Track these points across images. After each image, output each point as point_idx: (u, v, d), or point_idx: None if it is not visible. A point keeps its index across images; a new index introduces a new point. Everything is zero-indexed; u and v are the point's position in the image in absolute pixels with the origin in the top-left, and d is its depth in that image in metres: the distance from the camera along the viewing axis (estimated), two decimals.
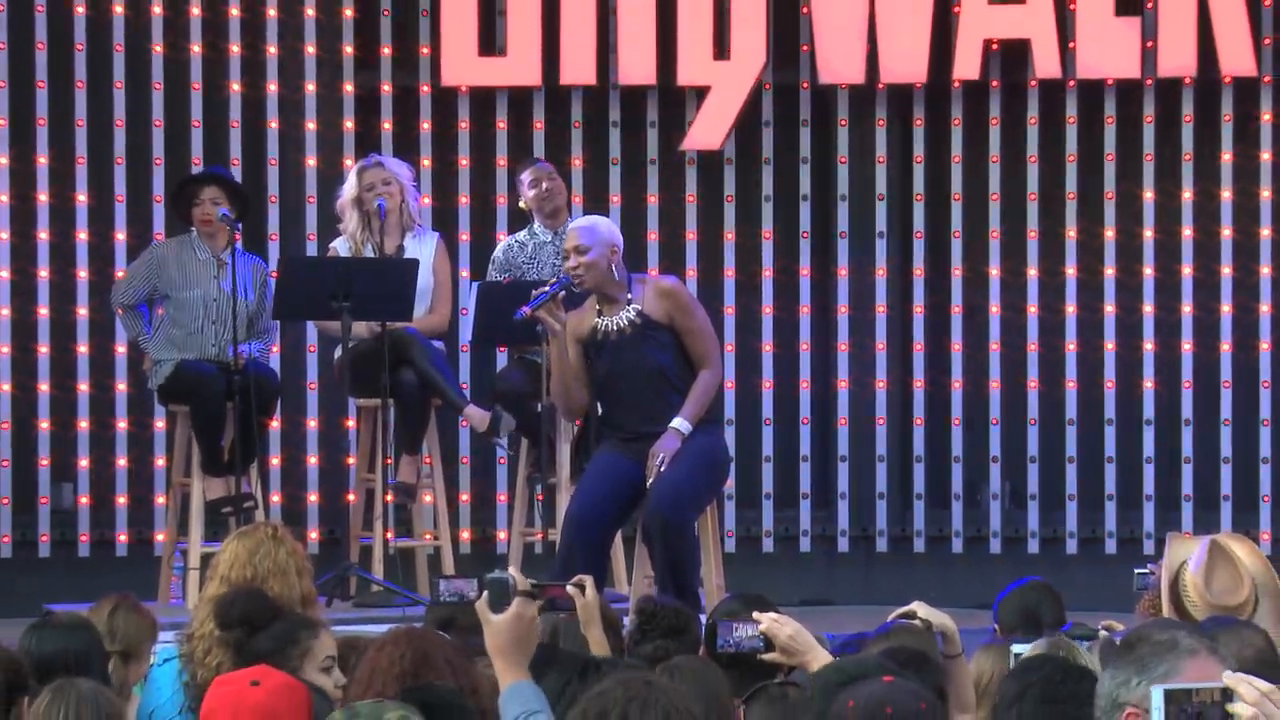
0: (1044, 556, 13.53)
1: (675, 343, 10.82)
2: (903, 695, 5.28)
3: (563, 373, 10.81)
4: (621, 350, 10.77)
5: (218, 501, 12.10)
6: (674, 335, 10.81)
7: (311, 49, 13.93)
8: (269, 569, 7.76)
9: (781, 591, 9.13)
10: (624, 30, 13.90)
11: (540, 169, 12.61)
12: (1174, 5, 13.68)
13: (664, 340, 10.80)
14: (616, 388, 10.84)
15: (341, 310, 11.86)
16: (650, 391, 10.81)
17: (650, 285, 10.96)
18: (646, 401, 10.82)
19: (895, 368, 14.11)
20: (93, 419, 13.74)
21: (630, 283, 10.89)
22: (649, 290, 10.88)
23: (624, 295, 10.81)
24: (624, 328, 10.75)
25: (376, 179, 12.31)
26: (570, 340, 10.79)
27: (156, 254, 12.61)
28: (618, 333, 10.77)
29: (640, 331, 10.76)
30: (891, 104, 14.05)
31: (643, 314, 10.76)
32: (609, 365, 10.79)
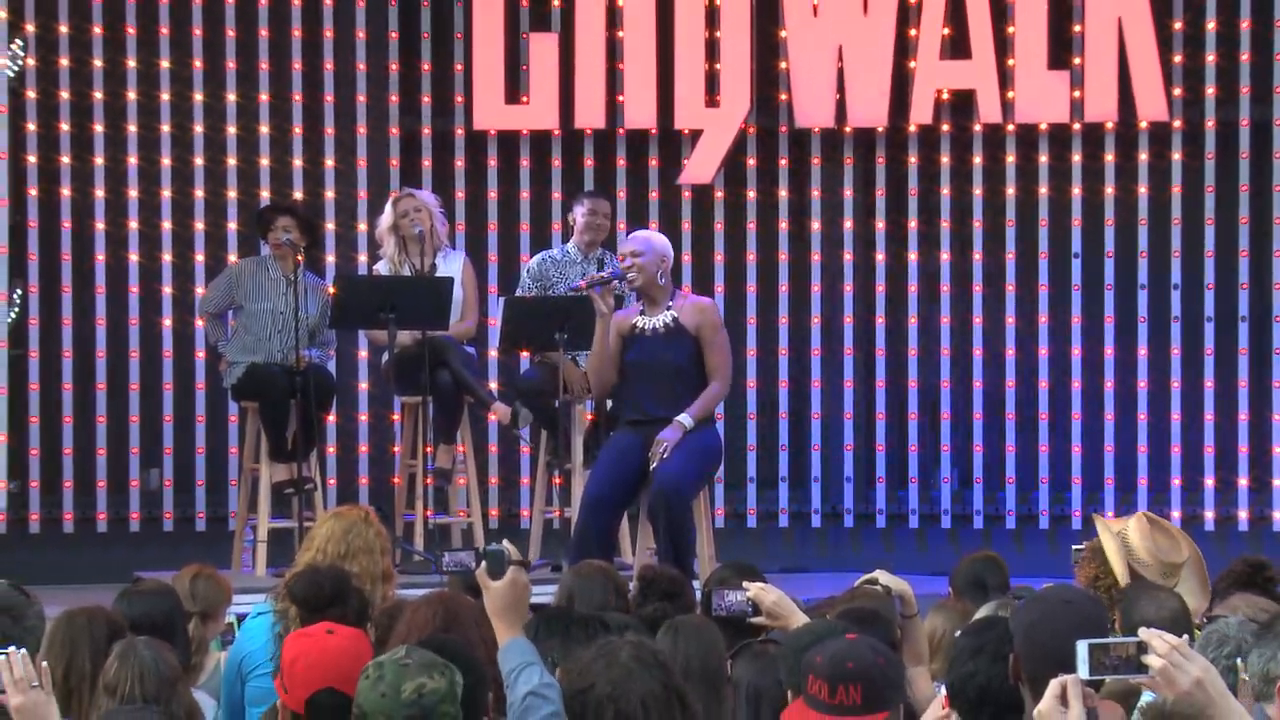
0: (987, 531, 13.53)
1: (696, 351, 10.91)
2: (863, 650, 5.27)
3: (602, 352, 10.92)
4: (652, 345, 10.88)
5: (282, 484, 12.08)
6: (697, 345, 10.90)
7: (362, 98, 13.93)
8: (359, 546, 7.79)
9: (763, 561, 9.12)
10: (629, 82, 13.90)
11: (601, 203, 12.44)
12: (1098, 61, 13.67)
13: (688, 346, 10.89)
14: (640, 374, 10.92)
15: (388, 321, 11.84)
16: (666, 383, 10.88)
17: (690, 300, 11.11)
18: (661, 390, 10.88)
19: (860, 370, 14.12)
20: (176, 413, 13.74)
21: (674, 294, 11.03)
22: (689, 304, 11.01)
23: (665, 301, 10.92)
24: (659, 328, 10.87)
25: (409, 207, 12.28)
26: (614, 331, 10.91)
27: (234, 271, 12.61)
28: (653, 331, 10.88)
29: (672, 333, 10.87)
30: (856, 145, 14.03)
31: (677, 320, 10.87)
32: (638, 355, 10.88)
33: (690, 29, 13.87)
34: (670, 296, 10.99)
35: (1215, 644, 5.95)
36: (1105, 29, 13.67)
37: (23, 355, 13.40)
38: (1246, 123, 13.78)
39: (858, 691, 5.17)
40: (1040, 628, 5.52)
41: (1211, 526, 13.45)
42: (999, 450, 13.96)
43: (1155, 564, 7.35)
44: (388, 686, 4.84)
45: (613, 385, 11.08)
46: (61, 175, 13.62)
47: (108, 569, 11.85)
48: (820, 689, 5.15)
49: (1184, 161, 13.82)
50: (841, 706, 5.15)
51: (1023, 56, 13.73)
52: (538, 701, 5.14)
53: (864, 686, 5.18)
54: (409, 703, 4.81)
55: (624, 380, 11.02)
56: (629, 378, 10.96)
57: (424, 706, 4.82)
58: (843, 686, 5.15)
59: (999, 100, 13.74)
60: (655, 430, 10.80)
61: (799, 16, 13.81)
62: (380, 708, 4.81)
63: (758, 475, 14.08)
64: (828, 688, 5.15)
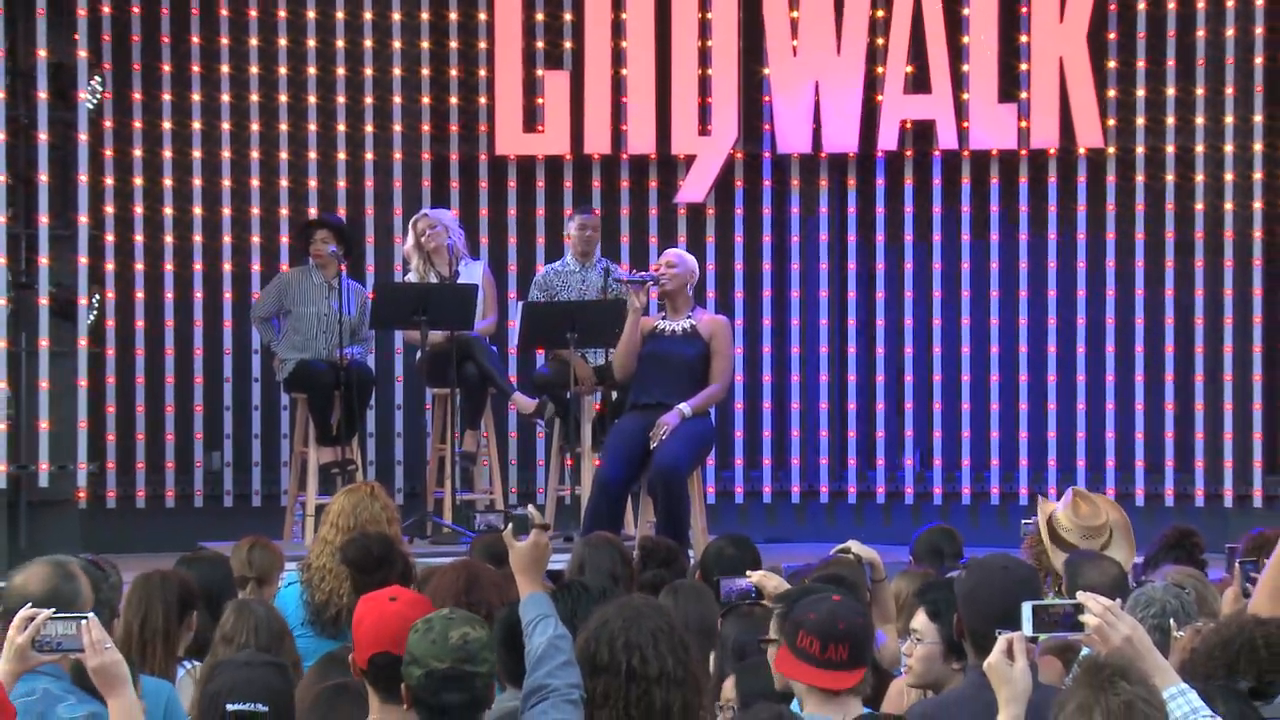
0: (945, 507, 13.53)
1: (705, 355, 11.11)
2: (851, 613, 5.31)
3: (628, 340, 11.05)
4: (670, 342, 11.09)
5: (327, 465, 12.11)
6: (708, 349, 11.09)
7: (398, 127, 13.92)
8: (366, 518, 7.76)
9: (748, 533, 9.11)
10: (631, 113, 13.90)
11: (589, 219, 12.48)
12: (1042, 95, 13.68)
13: (700, 348, 11.11)
14: (654, 364, 11.07)
15: (420, 322, 11.86)
16: (674, 374, 11.05)
17: (710, 315, 11.50)
18: (670, 379, 11.04)
19: (834, 365, 14.11)
20: (234, 403, 13.75)
21: (695, 308, 11.35)
22: (708, 317, 11.39)
23: (687, 312, 11.21)
24: (677, 331, 11.10)
25: (425, 226, 12.29)
26: (641, 328, 11.08)
27: (283, 280, 12.63)
28: (671, 333, 11.09)
29: (689, 336, 11.11)
30: (831, 169, 14.03)
31: (695, 328, 11.12)
32: (655, 348, 11.07)
33: (685, 67, 13.88)
34: (691, 309, 11.30)
35: (1144, 605, 5.97)
36: (1048, 67, 13.67)
37: (100, 352, 13.40)
38: (1171, 149, 13.76)
39: (845, 650, 5.20)
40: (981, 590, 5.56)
41: (1141, 502, 13.46)
42: (955, 436, 13.95)
43: (1075, 529, 7.38)
44: (437, 635, 4.88)
45: (631, 372, 11.20)
46: (134, 195, 13.62)
47: (175, 540, 11.87)
48: (811, 644, 5.18)
49: (1116, 183, 13.81)
50: (830, 661, 5.19)
51: (976, 91, 13.72)
52: (553, 650, 5.17)
53: (850, 646, 5.22)
54: (456, 648, 4.85)
55: (639, 368, 11.16)
56: (644, 366, 11.14)
57: (468, 651, 4.86)
58: (833, 645, 5.19)
59: (955, 129, 13.73)
60: (658, 415, 10.89)
61: (780, 56, 13.81)
62: (431, 653, 4.85)
63: (745, 457, 14.07)
64: (819, 644, 5.18)
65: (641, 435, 10.92)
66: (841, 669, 5.19)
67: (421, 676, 4.86)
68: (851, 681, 5.22)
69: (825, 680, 5.17)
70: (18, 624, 5.02)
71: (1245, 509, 13.19)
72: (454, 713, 4.85)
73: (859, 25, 13.71)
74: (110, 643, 5.01)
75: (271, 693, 4.66)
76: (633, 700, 4.85)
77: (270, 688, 4.66)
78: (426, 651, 4.87)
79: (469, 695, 4.86)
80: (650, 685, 4.86)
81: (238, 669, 4.79)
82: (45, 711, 5.26)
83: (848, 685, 5.20)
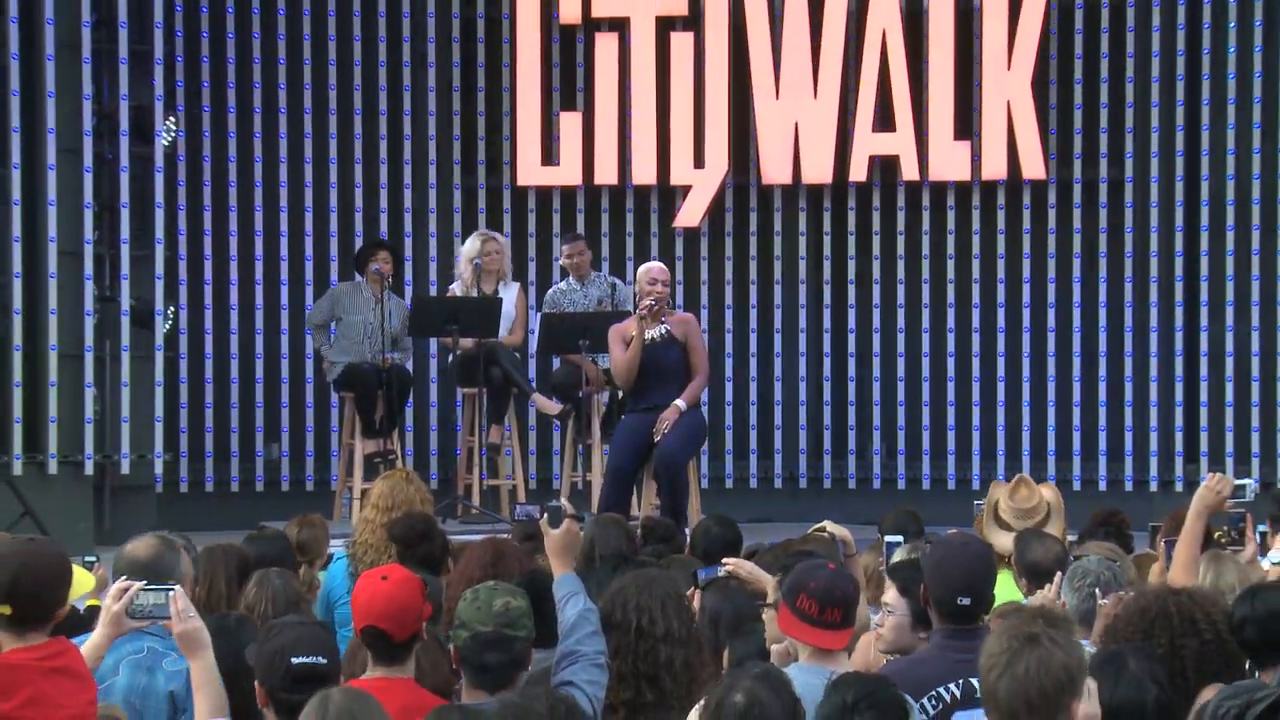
0: (908, 492, 13.53)
1: (684, 353, 10.98)
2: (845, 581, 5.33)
3: (632, 359, 10.91)
4: (655, 351, 10.92)
5: (371, 455, 12.10)
6: (684, 349, 10.97)
7: (432, 156, 13.97)
8: (401, 500, 7.76)
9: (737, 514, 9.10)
10: (635, 150, 13.92)
11: (575, 245, 12.53)
12: (992, 133, 13.69)
13: (679, 350, 10.97)
14: (648, 372, 10.94)
15: (453, 331, 11.87)
16: (665, 378, 10.94)
17: (678, 315, 11.28)
18: (661, 383, 10.93)
19: (811, 369, 14.13)
20: (291, 401, 13.78)
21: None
22: (677, 318, 11.18)
23: (663, 317, 10.99)
24: (658, 338, 10.93)
25: (492, 249, 12.26)
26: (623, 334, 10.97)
27: (335, 291, 12.65)
28: (653, 340, 10.92)
29: (668, 342, 10.95)
30: (808, 197, 14.03)
31: (670, 332, 10.96)
32: (648, 357, 10.91)
33: (682, 109, 13.89)
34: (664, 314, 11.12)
35: (1079, 576, 5.98)
36: (997, 109, 13.67)
37: (174, 357, 13.43)
38: (1105, 179, 13.78)
39: (839, 613, 5.23)
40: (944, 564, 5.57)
41: (1078, 486, 13.45)
42: (917, 429, 13.97)
43: (1011, 510, 7.39)
44: (482, 603, 4.91)
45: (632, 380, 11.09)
46: (203, 220, 13.66)
47: (239, 520, 11.88)
48: (810, 606, 5.19)
49: (1056, 208, 13.82)
50: (826, 622, 5.20)
51: (935, 129, 13.73)
52: (582, 621, 5.19)
53: (843, 609, 5.24)
54: (499, 614, 4.88)
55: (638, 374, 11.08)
56: (639, 377, 11.03)
57: (510, 617, 4.88)
58: (829, 608, 5.21)
59: (917, 163, 13.74)
60: (657, 414, 10.85)
61: (765, 99, 13.82)
62: (477, 618, 4.88)
63: (733, 449, 14.08)
64: (818, 607, 5.20)
65: (644, 431, 10.90)
66: (835, 629, 5.21)
67: (468, 639, 4.88)
68: (843, 641, 5.25)
69: (822, 639, 5.18)
70: (114, 594, 5.05)
71: (1168, 493, 13.19)
72: (495, 671, 4.86)
73: (833, 73, 13.72)
74: (194, 612, 5.03)
75: (327, 650, 4.67)
76: (640, 654, 4.87)
77: (325, 645, 4.68)
78: (473, 617, 4.89)
79: (509, 656, 4.88)
80: (656, 642, 4.88)
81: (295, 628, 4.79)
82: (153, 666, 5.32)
83: (840, 644, 5.22)
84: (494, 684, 4.84)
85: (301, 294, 13.72)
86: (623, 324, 11.15)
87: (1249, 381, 13.48)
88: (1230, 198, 13.55)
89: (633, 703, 4.75)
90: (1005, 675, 4.03)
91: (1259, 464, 13.28)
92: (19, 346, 12.38)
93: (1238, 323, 13.55)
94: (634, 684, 4.76)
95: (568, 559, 5.50)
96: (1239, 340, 13.54)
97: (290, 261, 13.80)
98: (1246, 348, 13.50)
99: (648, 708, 4.72)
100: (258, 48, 13.73)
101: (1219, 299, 13.57)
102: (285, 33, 13.77)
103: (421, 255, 13.97)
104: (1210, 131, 13.58)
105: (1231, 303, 13.54)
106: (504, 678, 4.86)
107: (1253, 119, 13.46)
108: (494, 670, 4.85)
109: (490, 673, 4.85)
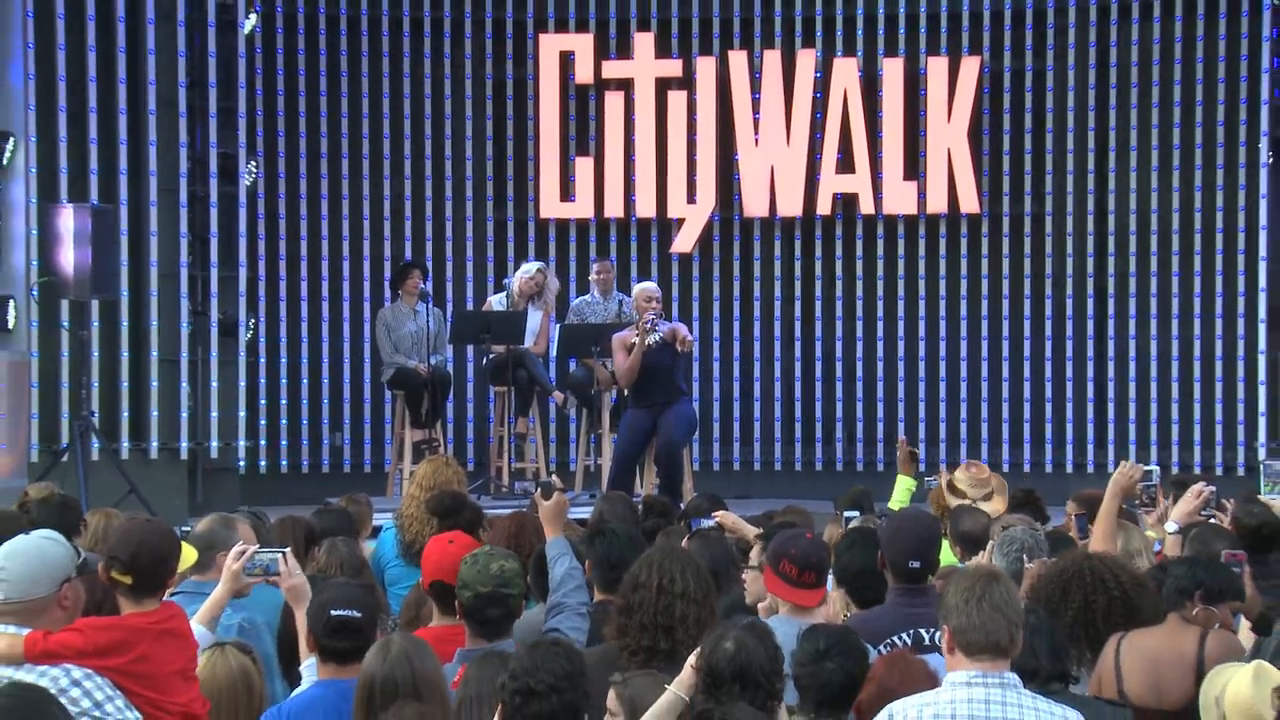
0: (864, 474, 13.51)
1: (674, 355, 10.92)
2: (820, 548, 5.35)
3: (634, 363, 10.87)
4: (654, 355, 10.88)
5: (418, 442, 12.10)
6: (675, 353, 10.92)
7: (469, 193, 13.97)
8: (442, 480, 7.69)
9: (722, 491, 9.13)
10: (638, 187, 13.91)
11: (604, 264, 12.54)
12: (935, 174, 13.69)
13: (671, 354, 10.93)
14: (646, 374, 10.91)
15: (485, 338, 11.88)
16: (661, 378, 10.94)
17: (669, 325, 11.13)
18: (658, 383, 10.92)
19: (785, 372, 14.09)
20: (352, 398, 13.81)
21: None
22: (668, 327, 11.07)
23: (659, 326, 10.95)
24: (654, 344, 10.90)
25: (542, 283, 12.20)
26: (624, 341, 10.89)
27: (383, 316, 12.51)
28: (651, 345, 10.87)
29: (663, 348, 10.91)
30: (782, 228, 14.02)
31: (662, 339, 10.90)
32: (645, 361, 10.86)
33: (676, 154, 13.89)
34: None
35: (1008, 543, 5.99)
36: (939, 154, 13.68)
37: (255, 361, 13.43)
38: (1029, 212, 13.78)
39: (814, 575, 5.23)
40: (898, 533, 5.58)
41: (1007, 469, 13.42)
42: (873, 421, 13.96)
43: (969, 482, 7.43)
44: (481, 567, 4.91)
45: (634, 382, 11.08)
46: (279, 247, 13.67)
47: (308, 497, 11.93)
48: (790, 569, 5.20)
49: (989, 237, 13.82)
50: (804, 583, 5.21)
51: (887, 171, 13.73)
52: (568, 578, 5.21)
53: (817, 572, 5.26)
54: (494, 576, 4.88)
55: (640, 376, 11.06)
56: (640, 377, 11.00)
57: (504, 578, 4.89)
58: (807, 571, 5.22)
59: (873, 199, 13.74)
60: (656, 410, 10.80)
61: (746, 146, 13.81)
62: (477, 580, 4.88)
63: (720, 437, 14.06)
64: (796, 570, 5.20)
65: (647, 423, 10.89)
66: (811, 588, 5.22)
67: (471, 597, 4.89)
68: (817, 599, 5.26)
69: (800, 597, 5.19)
70: (234, 555, 5.07)
71: (1081, 475, 13.20)
72: (494, 623, 4.88)
73: (802, 124, 13.72)
74: (299, 570, 5.06)
75: (363, 605, 4.68)
76: (660, 609, 4.85)
77: (362, 601, 4.69)
78: (474, 579, 4.89)
79: (504, 610, 4.90)
80: (674, 599, 4.86)
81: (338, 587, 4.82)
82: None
83: (814, 601, 5.23)
84: (493, 634, 4.87)
85: (360, 309, 13.73)
86: (623, 333, 11.14)
87: (1149, 381, 13.48)
88: (1133, 228, 13.56)
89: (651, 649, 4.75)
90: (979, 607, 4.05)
91: (1156, 450, 13.28)
92: (126, 354, 12.42)
93: (1139, 332, 13.55)
94: (652, 633, 4.76)
95: (557, 525, 5.52)
96: (1140, 347, 13.54)
97: (351, 281, 13.81)
98: (1147, 353, 13.49)
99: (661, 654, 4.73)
100: (324, 105, 13.74)
101: (1124, 312, 13.56)
102: (347, 91, 13.79)
103: (460, 274, 13.97)
104: (1115, 173, 13.59)
105: (1134, 315, 13.54)
106: (501, 628, 4.87)
107: (1150, 163, 13.48)
108: (493, 622, 4.88)
109: (490, 624, 4.88)
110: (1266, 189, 13.03)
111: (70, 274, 11.01)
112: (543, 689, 3.81)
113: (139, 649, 4.20)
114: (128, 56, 12.36)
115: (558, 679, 3.84)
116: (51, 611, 4.18)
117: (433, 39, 13.90)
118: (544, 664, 3.87)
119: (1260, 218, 13.04)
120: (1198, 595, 5.03)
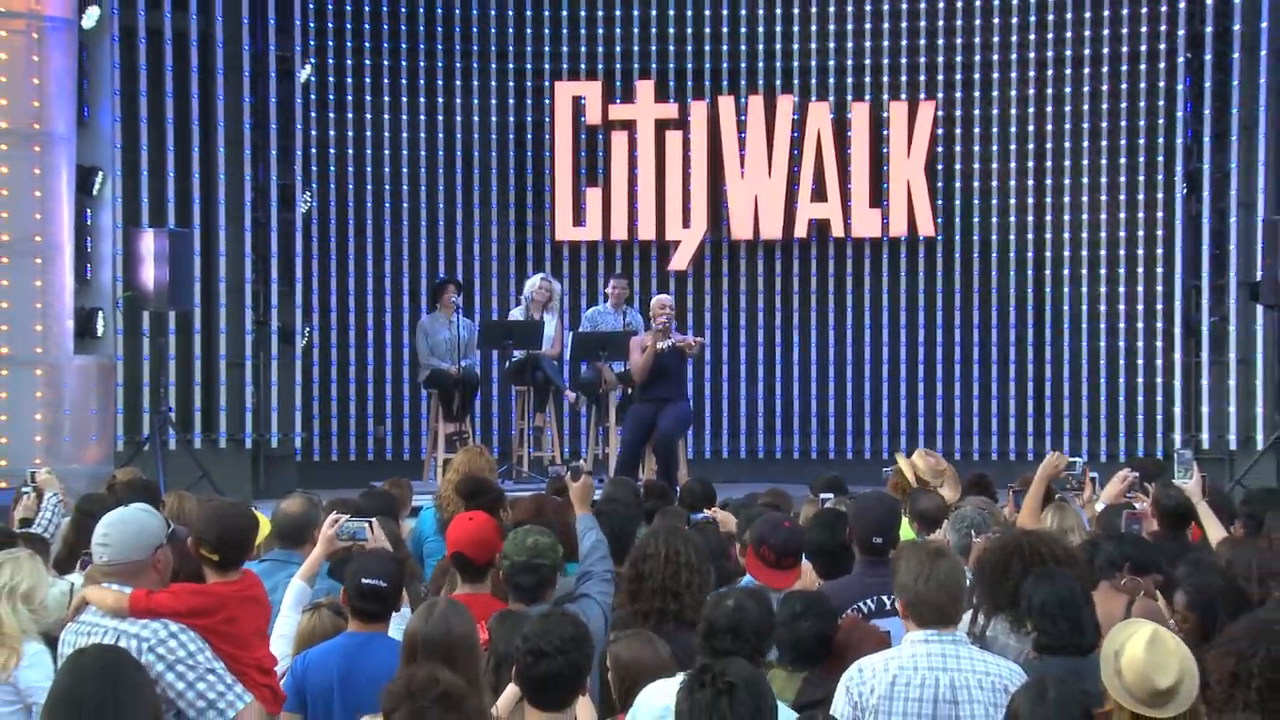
0: (836, 461, 13.54)
1: (682, 359, 10.91)
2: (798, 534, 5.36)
3: (648, 362, 10.79)
4: (664, 358, 10.84)
5: (450, 434, 12.07)
6: (682, 355, 10.90)
7: (494, 219, 13.98)
8: (474, 468, 7.69)
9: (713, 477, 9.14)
10: (640, 212, 13.94)
11: (620, 280, 12.36)
12: (897, 202, 13.73)
13: (680, 357, 10.90)
14: (657, 374, 10.85)
15: (508, 345, 11.89)
16: (668, 377, 10.88)
17: (678, 337, 11.04)
18: (665, 381, 10.88)
19: (767, 374, 14.12)
20: (393, 396, 13.81)
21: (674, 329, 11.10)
22: (676, 337, 10.99)
23: (672, 334, 10.92)
24: (666, 348, 10.85)
25: (547, 285, 12.20)
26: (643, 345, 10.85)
27: (423, 325, 12.45)
28: (663, 349, 10.83)
29: (674, 352, 10.87)
30: (765, 249, 14.05)
31: (673, 345, 10.87)
32: (658, 362, 10.82)
33: (673, 185, 13.92)
34: (671, 332, 11.02)
35: (960, 521, 6.00)
36: (900, 185, 13.72)
37: (310, 365, 13.46)
38: (977, 236, 13.80)
39: (791, 560, 5.25)
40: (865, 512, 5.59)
41: (958, 457, 13.40)
42: (843, 416, 13.97)
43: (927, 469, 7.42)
44: (519, 540, 4.93)
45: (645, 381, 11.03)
46: (331, 266, 13.69)
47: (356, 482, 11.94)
48: (769, 553, 5.22)
49: (943, 256, 13.85)
50: (781, 565, 5.22)
51: (855, 200, 13.76)
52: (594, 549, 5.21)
53: (794, 557, 5.27)
54: (530, 548, 4.89)
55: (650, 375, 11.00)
56: (651, 375, 10.96)
57: (538, 549, 4.90)
58: (785, 557, 5.23)
59: (843, 224, 13.77)
60: (658, 405, 10.78)
61: (733, 177, 13.85)
62: (515, 551, 4.90)
63: (710, 430, 14.07)
64: (775, 555, 5.22)
65: (650, 417, 10.88)
66: (788, 570, 5.24)
67: (510, 566, 4.91)
68: (793, 580, 5.27)
69: (776, 580, 5.20)
70: (328, 523, 5.15)
71: (1022, 462, 13.21)
72: (530, 590, 4.89)
73: (782, 158, 13.76)
74: (385, 538, 5.10)
75: (389, 575, 4.74)
76: (668, 575, 4.88)
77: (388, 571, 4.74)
78: (513, 550, 4.91)
79: (539, 578, 4.89)
80: (680, 568, 4.89)
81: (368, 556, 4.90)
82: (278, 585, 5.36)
83: (790, 583, 5.25)
84: (530, 599, 4.88)
85: (401, 319, 13.75)
86: (641, 336, 11.20)
87: (1081, 382, 13.54)
88: (1067, 248, 13.59)
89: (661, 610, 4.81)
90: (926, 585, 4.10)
91: (1087, 440, 13.32)
92: (199, 357, 12.47)
93: (1072, 339, 13.59)
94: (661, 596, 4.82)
95: (585, 503, 5.53)
96: (1073, 354, 13.58)
97: (392, 295, 13.83)
98: (1079, 359, 13.53)
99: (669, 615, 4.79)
100: (369, 142, 13.77)
101: (1059, 322, 13.61)
102: (389, 131, 13.81)
103: (486, 288, 14.00)
104: (1052, 202, 13.62)
105: (1068, 325, 13.58)
106: (537, 594, 4.90)
107: (1081, 193, 13.52)
108: (528, 589, 4.89)
109: (526, 590, 4.88)
110: (1181, 216, 13.08)
111: (150, 289, 11.07)
112: (551, 650, 3.86)
113: (226, 611, 4.26)
114: (200, 102, 12.44)
115: (564, 641, 3.89)
116: (147, 573, 4.25)
117: (463, 86, 13.94)
118: (553, 629, 3.92)
119: (1176, 240, 13.09)
120: (1126, 567, 5.08)
